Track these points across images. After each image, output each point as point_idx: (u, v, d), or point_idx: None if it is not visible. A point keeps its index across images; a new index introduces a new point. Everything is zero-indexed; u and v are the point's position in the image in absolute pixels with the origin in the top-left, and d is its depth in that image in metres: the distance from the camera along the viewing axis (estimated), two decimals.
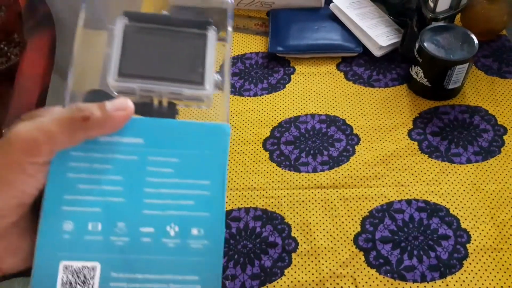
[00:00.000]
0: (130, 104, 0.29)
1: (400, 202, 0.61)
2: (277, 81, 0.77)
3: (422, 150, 0.66)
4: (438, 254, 0.56)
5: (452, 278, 0.54)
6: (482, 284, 0.54)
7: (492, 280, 0.54)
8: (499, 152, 0.66)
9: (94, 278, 0.28)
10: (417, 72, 0.71)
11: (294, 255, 0.57)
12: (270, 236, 0.59)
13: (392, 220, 0.59)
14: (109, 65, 0.32)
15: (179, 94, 0.32)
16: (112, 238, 0.29)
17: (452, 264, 0.55)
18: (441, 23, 0.74)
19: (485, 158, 0.65)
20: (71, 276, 0.28)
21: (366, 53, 0.79)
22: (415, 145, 0.67)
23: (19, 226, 0.29)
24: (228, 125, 0.32)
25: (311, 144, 0.68)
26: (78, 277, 0.28)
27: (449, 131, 0.69)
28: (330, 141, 0.68)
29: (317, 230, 0.59)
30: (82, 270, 0.28)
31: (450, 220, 0.59)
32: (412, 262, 0.56)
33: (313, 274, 0.55)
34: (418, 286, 0.54)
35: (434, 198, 0.61)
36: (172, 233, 0.30)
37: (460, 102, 0.72)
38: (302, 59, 0.80)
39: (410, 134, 0.69)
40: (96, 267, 0.29)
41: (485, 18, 0.77)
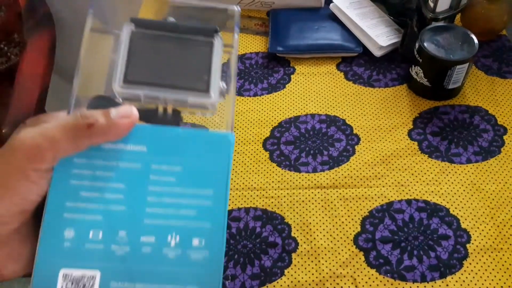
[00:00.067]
0: (134, 111, 0.29)
1: (400, 202, 0.61)
2: (277, 81, 0.77)
3: (422, 150, 0.66)
4: (438, 254, 0.56)
5: (452, 278, 0.54)
6: (482, 284, 0.54)
7: (492, 280, 0.54)
8: (499, 152, 0.66)
9: (94, 287, 0.28)
10: (417, 72, 0.71)
11: (294, 255, 0.57)
12: (270, 236, 0.59)
13: (392, 220, 0.59)
14: (114, 71, 0.31)
15: (184, 101, 0.32)
16: (112, 246, 0.29)
17: (452, 264, 0.55)
18: (441, 23, 0.74)
19: (485, 158, 0.65)
20: (71, 284, 0.28)
21: (366, 53, 0.79)
22: (415, 145, 0.67)
23: (21, 232, 0.29)
24: (232, 134, 0.32)
25: (311, 144, 0.68)
26: (78, 285, 0.28)
27: (449, 131, 0.69)
28: (330, 141, 0.68)
29: (317, 230, 0.59)
30: (82, 278, 0.28)
31: (450, 220, 0.59)
32: (412, 262, 0.56)
33: (313, 274, 0.55)
34: (418, 286, 0.54)
35: (434, 198, 0.61)
36: (173, 243, 0.30)
37: (460, 102, 0.72)
38: (302, 59, 0.80)
39: (410, 134, 0.69)
40: (96, 276, 0.28)
41: (485, 18, 0.77)
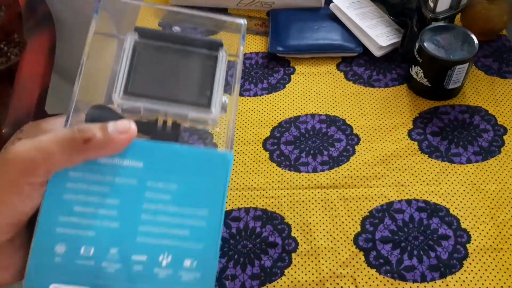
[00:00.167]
0: (133, 126, 0.29)
1: (400, 202, 0.61)
2: (277, 81, 0.77)
3: (422, 150, 0.66)
4: (438, 254, 0.56)
5: (452, 278, 0.54)
6: (482, 284, 0.54)
7: (492, 280, 0.54)
8: (499, 152, 0.66)
9: None
10: (417, 72, 0.71)
11: (294, 255, 0.57)
12: (270, 236, 0.58)
13: (392, 220, 0.59)
14: (115, 81, 0.31)
15: (185, 116, 0.31)
16: (103, 264, 0.28)
17: (452, 264, 0.55)
18: (441, 23, 0.74)
19: (485, 158, 0.65)
20: None
21: (366, 53, 0.79)
22: (415, 145, 0.67)
23: (13, 242, 0.28)
24: (231, 153, 0.31)
25: (311, 144, 0.68)
26: None
27: (449, 131, 0.69)
28: (330, 141, 0.68)
29: (317, 230, 0.59)
30: None
31: (450, 220, 0.59)
32: (412, 262, 0.56)
33: (313, 274, 0.55)
34: (418, 286, 0.54)
35: (434, 198, 0.61)
36: (164, 263, 0.29)
37: (460, 102, 0.72)
38: (302, 59, 0.80)
39: (410, 134, 0.69)
40: None
41: (485, 18, 0.77)
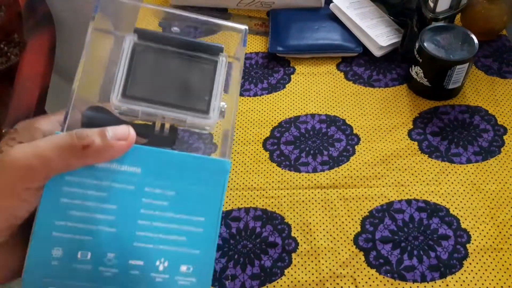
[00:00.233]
0: (132, 132, 0.29)
1: (400, 202, 0.61)
2: (277, 81, 0.77)
3: (422, 150, 0.66)
4: (438, 254, 0.56)
5: (452, 278, 0.54)
6: (482, 284, 0.54)
7: (492, 280, 0.54)
8: (499, 152, 0.66)
9: None
10: (417, 72, 0.71)
11: (294, 255, 0.57)
12: (270, 236, 0.58)
13: (392, 220, 0.59)
14: (113, 83, 0.30)
15: (183, 121, 0.31)
16: (100, 268, 0.28)
17: (452, 264, 0.55)
18: (441, 23, 0.74)
19: (485, 158, 0.65)
20: None
21: (366, 53, 0.79)
22: (415, 145, 0.67)
23: (8, 244, 0.28)
24: (229, 161, 0.31)
25: (311, 144, 0.68)
26: None
27: (449, 131, 0.69)
28: (330, 141, 0.68)
29: (317, 230, 0.59)
30: None
31: (450, 220, 0.59)
32: (412, 262, 0.56)
33: (313, 274, 0.55)
34: (418, 286, 0.54)
35: (434, 198, 0.61)
36: (161, 268, 0.29)
37: (460, 102, 0.72)
38: (302, 59, 0.80)
39: (410, 134, 0.69)
40: None
41: (485, 18, 0.77)
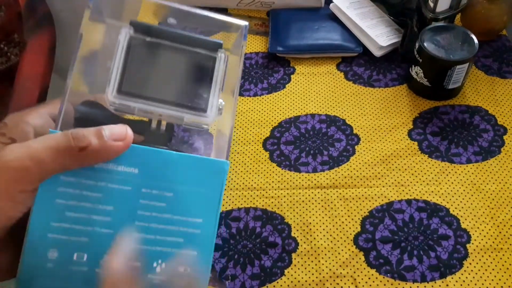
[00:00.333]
0: (129, 132, 0.28)
1: (400, 202, 0.61)
2: (277, 81, 0.77)
3: (422, 150, 0.66)
4: (438, 254, 0.56)
5: (452, 278, 0.54)
6: (482, 284, 0.54)
7: (492, 280, 0.54)
8: (499, 152, 0.66)
9: None
10: (417, 72, 0.71)
11: (294, 255, 0.57)
12: (270, 236, 0.59)
13: (392, 220, 0.59)
14: (108, 77, 0.29)
15: (180, 119, 0.30)
16: (97, 270, 0.27)
17: (452, 264, 0.55)
18: (441, 23, 0.74)
19: (485, 158, 0.65)
20: None
21: (366, 53, 0.79)
22: (415, 145, 0.67)
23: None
24: (227, 162, 0.30)
25: (311, 144, 0.68)
26: None
27: (449, 131, 0.69)
28: (330, 141, 0.68)
29: (317, 230, 0.59)
30: None
31: (450, 220, 0.59)
32: (412, 262, 0.56)
33: (313, 274, 0.55)
34: (418, 286, 0.54)
35: (434, 198, 0.61)
36: (158, 269, 0.28)
37: (460, 102, 0.72)
38: (302, 59, 0.80)
39: (410, 134, 0.69)
40: None
41: (485, 18, 0.77)
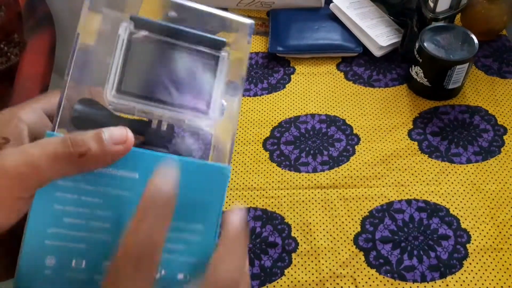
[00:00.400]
0: (130, 135, 0.27)
1: (400, 202, 0.61)
2: (277, 81, 0.77)
3: (422, 150, 0.66)
4: (438, 254, 0.56)
5: (452, 278, 0.54)
6: (482, 284, 0.54)
7: (492, 280, 0.54)
8: (499, 152, 0.66)
9: None
10: (417, 72, 0.71)
11: (294, 255, 0.57)
12: (270, 236, 0.59)
13: (392, 220, 0.59)
14: (108, 75, 0.28)
15: (181, 121, 0.30)
16: (95, 277, 0.27)
17: (452, 264, 0.55)
18: (441, 23, 0.74)
19: (485, 158, 0.65)
20: None
21: (366, 53, 0.79)
22: (415, 145, 0.67)
23: None
24: (228, 167, 0.29)
25: (311, 144, 0.68)
26: None
27: (449, 131, 0.69)
28: (330, 141, 0.68)
29: (317, 230, 0.59)
30: None
31: (450, 220, 0.59)
32: (412, 262, 0.56)
33: (313, 274, 0.55)
34: (418, 286, 0.54)
35: (434, 198, 0.61)
36: (157, 276, 0.27)
37: (460, 102, 0.72)
38: (302, 59, 0.80)
39: (410, 134, 0.69)
40: None
41: (485, 18, 0.77)
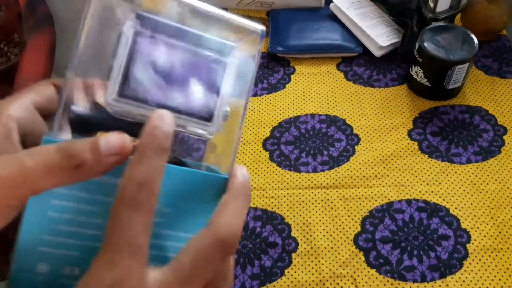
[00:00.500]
0: (127, 144, 0.26)
1: (400, 202, 0.61)
2: (277, 81, 0.77)
3: (422, 150, 0.66)
4: (438, 254, 0.56)
5: (452, 278, 0.54)
6: (482, 284, 0.54)
7: (492, 280, 0.54)
8: (499, 152, 0.66)
9: None
10: (417, 72, 0.71)
11: (294, 255, 0.57)
12: (270, 236, 0.59)
13: (392, 220, 0.59)
14: (110, 76, 0.27)
15: (183, 127, 0.28)
16: None
17: (452, 264, 0.55)
18: (441, 23, 0.74)
19: (485, 158, 0.65)
20: None
21: (366, 53, 0.79)
22: (415, 145, 0.67)
23: None
24: (228, 178, 0.28)
25: (311, 144, 0.68)
26: None
27: (449, 131, 0.69)
28: (330, 141, 0.68)
29: (317, 230, 0.59)
30: None
31: (450, 220, 0.59)
32: (412, 262, 0.56)
33: (313, 274, 0.55)
34: (418, 286, 0.54)
35: (434, 198, 0.61)
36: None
37: (460, 102, 0.72)
38: (302, 59, 0.80)
39: (410, 134, 0.69)
40: None
41: (485, 18, 0.77)
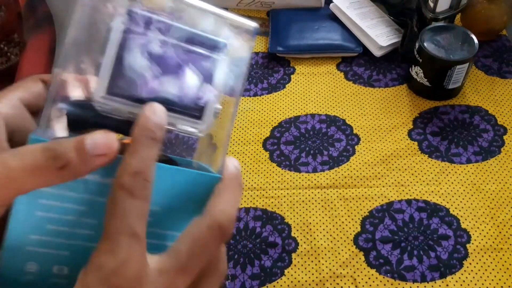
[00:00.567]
0: (114, 144, 0.25)
1: (400, 202, 0.61)
2: (277, 81, 0.77)
3: (422, 150, 0.66)
4: (438, 254, 0.56)
5: (452, 278, 0.54)
6: (482, 284, 0.54)
7: (492, 280, 0.54)
8: (499, 152, 0.66)
9: None
10: (417, 72, 0.71)
11: (294, 255, 0.57)
12: (270, 236, 0.58)
13: (392, 220, 0.59)
14: (99, 73, 0.27)
15: (173, 125, 0.28)
16: None
17: (452, 264, 0.55)
18: (441, 23, 0.74)
19: (485, 158, 0.65)
20: None
21: (366, 53, 0.79)
22: (415, 145, 0.67)
23: None
24: (220, 177, 0.28)
25: (311, 144, 0.68)
26: None
27: (449, 131, 0.69)
28: (330, 141, 0.68)
29: (317, 230, 0.59)
30: None
31: (450, 220, 0.59)
32: (412, 262, 0.56)
33: (313, 274, 0.55)
34: (418, 286, 0.54)
35: (434, 198, 0.61)
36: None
37: (460, 102, 0.72)
38: (302, 59, 0.80)
39: (410, 134, 0.69)
40: None
41: (485, 18, 0.77)
